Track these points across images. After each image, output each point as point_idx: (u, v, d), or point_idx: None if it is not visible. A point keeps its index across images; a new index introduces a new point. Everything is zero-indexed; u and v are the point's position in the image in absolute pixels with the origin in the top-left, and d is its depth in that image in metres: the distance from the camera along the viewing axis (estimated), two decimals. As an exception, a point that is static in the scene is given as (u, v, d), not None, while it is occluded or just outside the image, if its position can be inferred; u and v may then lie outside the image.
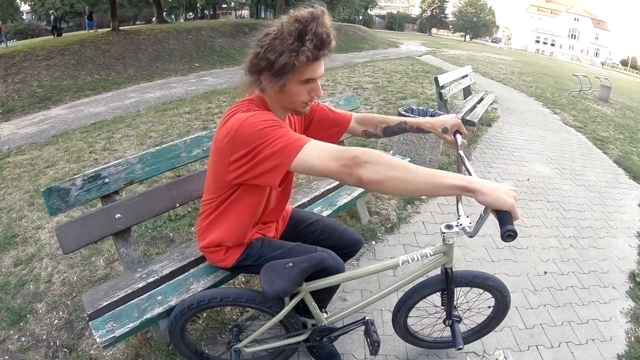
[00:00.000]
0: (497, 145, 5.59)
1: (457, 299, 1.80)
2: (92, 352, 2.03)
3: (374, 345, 1.63)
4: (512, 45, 61.01)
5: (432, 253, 1.54)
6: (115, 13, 18.63)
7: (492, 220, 1.15)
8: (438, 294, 1.75)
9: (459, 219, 1.45)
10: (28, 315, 2.31)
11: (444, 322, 1.85)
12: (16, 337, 2.17)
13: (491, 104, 6.70)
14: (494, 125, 6.63)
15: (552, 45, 66.24)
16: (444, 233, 1.47)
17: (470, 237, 1.39)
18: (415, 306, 1.82)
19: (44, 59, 13.17)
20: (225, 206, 1.50)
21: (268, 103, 1.38)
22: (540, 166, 4.97)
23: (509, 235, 1.08)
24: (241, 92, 1.38)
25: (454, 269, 1.64)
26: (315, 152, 1.16)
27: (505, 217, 1.10)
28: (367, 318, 1.72)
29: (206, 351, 1.92)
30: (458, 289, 1.73)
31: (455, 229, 1.44)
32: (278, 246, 1.63)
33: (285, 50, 1.18)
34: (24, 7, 32.59)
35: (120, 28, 18.40)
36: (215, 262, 1.71)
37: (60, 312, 2.31)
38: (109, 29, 18.21)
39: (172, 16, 41.62)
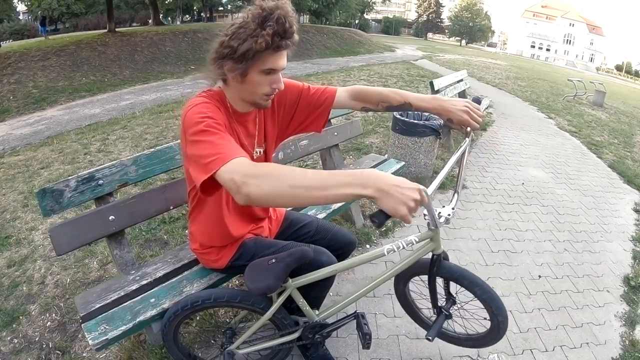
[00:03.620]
0: (492, 149, 5.61)
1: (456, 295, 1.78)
2: (84, 354, 2.02)
3: (365, 338, 1.62)
4: (508, 50, 61.36)
5: (417, 240, 1.51)
6: (112, 15, 18.59)
7: (487, 224, 1.15)
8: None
9: (444, 206, 1.46)
10: (21, 317, 2.29)
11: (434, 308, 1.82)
12: (8, 339, 2.16)
13: (486, 108, 6.71)
14: (488, 130, 6.65)
15: (548, 50, 66.65)
16: (426, 215, 1.45)
17: (439, 225, 1.43)
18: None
19: (39, 60, 13.13)
20: (205, 204, 1.52)
21: (229, 96, 1.39)
22: (535, 170, 4.99)
23: (372, 220, 1.08)
24: (205, 82, 1.40)
25: (442, 260, 1.63)
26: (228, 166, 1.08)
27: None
28: (357, 312, 1.71)
29: (200, 355, 1.91)
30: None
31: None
32: (271, 244, 1.63)
33: (248, 36, 1.20)
34: (21, 7, 32.42)
35: (117, 30, 18.34)
36: (208, 264, 1.71)
37: (53, 314, 2.30)
38: (106, 30, 18.17)
39: (169, 18, 41.57)
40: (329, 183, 1.01)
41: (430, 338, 1.67)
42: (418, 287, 1.93)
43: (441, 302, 1.80)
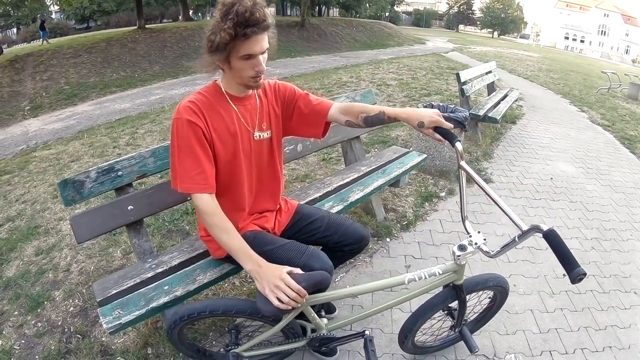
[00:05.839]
0: (521, 142, 5.46)
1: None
2: (104, 339, 2.08)
3: None
4: (541, 42, 59.51)
5: (441, 272, 1.49)
6: (141, 12, 18.98)
7: (500, 218, 1.13)
8: None
9: (470, 237, 1.40)
10: (45, 302, 2.39)
11: (451, 328, 1.84)
12: (33, 322, 2.25)
13: (515, 100, 6.54)
14: (518, 123, 6.48)
15: (582, 41, 64.21)
16: (458, 256, 1.40)
17: (492, 257, 1.35)
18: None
19: (71, 57, 13.56)
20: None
21: (225, 83, 1.53)
22: (565, 165, 4.84)
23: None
24: (202, 70, 1.50)
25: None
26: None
27: None
28: (366, 334, 1.68)
29: (210, 349, 1.92)
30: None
31: (470, 249, 1.38)
32: (270, 241, 1.61)
33: (217, 30, 1.33)
34: (53, 8, 33.50)
35: (146, 26, 18.72)
36: (212, 252, 1.75)
37: (76, 300, 2.38)
38: (136, 27, 18.56)
39: (199, 14, 42.12)
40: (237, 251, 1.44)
41: (477, 350, 1.73)
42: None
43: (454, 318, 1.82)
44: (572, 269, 1.05)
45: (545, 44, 56.32)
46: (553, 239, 1.13)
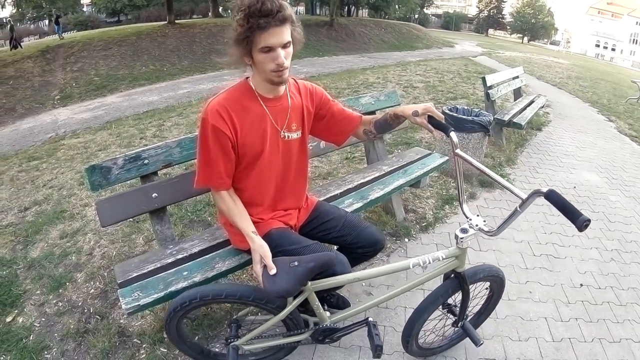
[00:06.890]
0: (546, 150, 5.38)
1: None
2: (122, 320, 2.15)
3: (376, 349, 1.57)
4: (571, 49, 58.03)
5: (444, 256, 1.51)
6: (171, 7, 19.23)
7: (532, 226, 1.13)
8: None
9: (470, 220, 1.42)
10: (67, 284, 2.48)
11: (453, 325, 1.84)
12: (54, 302, 2.34)
13: (542, 107, 6.42)
14: (544, 130, 6.37)
15: (613, 50, 62.06)
16: (461, 238, 1.44)
17: (493, 236, 1.36)
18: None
19: (101, 49, 13.86)
20: (240, 184, 1.61)
21: (255, 82, 1.53)
22: (589, 174, 4.74)
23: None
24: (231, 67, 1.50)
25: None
26: None
27: None
28: (369, 320, 1.66)
29: (213, 349, 1.92)
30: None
31: (472, 231, 1.41)
32: (295, 241, 1.62)
33: (235, 23, 1.37)
34: (85, 0, 34.19)
35: (176, 22, 18.99)
36: (235, 243, 1.77)
37: (97, 283, 2.46)
38: (165, 22, 18.85)
39: (229, 11, 42.40)
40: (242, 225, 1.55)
41: (481, 342, 1.76)
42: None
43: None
44: (577, 218, 1.11)
45: (576, 51, 54.85)
46: (555, 198, 1.18)
